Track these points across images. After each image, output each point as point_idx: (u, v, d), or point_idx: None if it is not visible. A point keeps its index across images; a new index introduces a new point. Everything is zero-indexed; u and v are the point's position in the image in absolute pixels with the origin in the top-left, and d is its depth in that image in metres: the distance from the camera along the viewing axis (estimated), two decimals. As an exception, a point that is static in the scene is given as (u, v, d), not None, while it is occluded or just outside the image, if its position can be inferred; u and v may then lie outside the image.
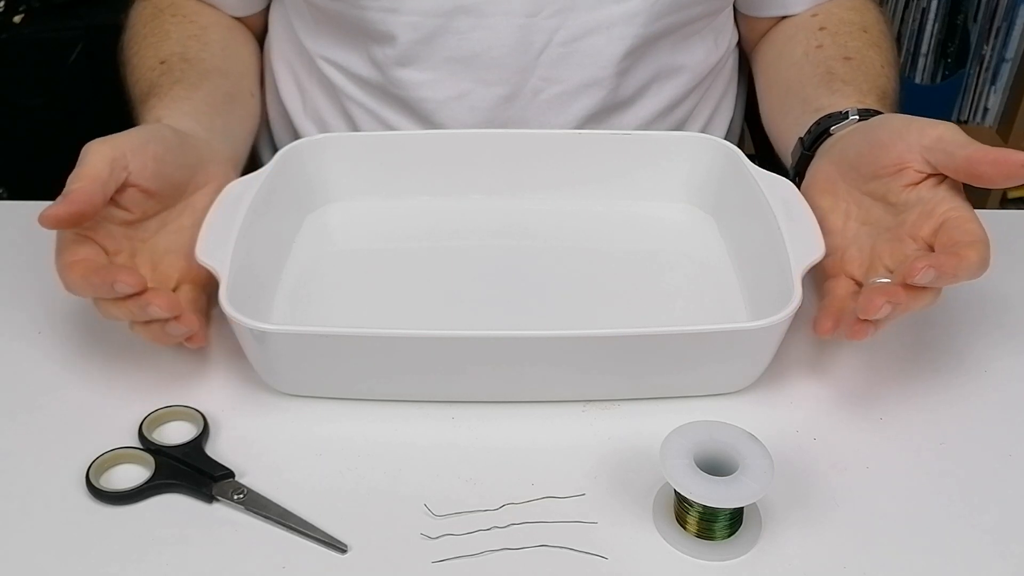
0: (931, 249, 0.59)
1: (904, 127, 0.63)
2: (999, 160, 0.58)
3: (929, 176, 0.61)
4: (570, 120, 0.81)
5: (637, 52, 0.80)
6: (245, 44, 0.86)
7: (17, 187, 0.92)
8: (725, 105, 0.93)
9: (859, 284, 0.62)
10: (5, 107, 1.04)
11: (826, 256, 0.62)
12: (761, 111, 0.85)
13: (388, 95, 0.82)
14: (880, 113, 0.68)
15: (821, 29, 0.81)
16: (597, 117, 0.82)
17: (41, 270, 0.61)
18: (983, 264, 0.57)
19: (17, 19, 1.21)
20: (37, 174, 0.69)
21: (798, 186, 0.67)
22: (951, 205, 0.60)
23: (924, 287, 0.56)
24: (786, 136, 0.75)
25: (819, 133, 0.70)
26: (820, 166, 0.68)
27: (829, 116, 0.70)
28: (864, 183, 0.64)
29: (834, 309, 0.60)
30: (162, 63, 0.76)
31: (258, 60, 0.87)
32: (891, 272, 0.61)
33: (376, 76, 0.81)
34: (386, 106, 0.83)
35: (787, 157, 0.75)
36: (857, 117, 0.68)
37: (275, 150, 0.71)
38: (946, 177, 0.61)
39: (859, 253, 0.63)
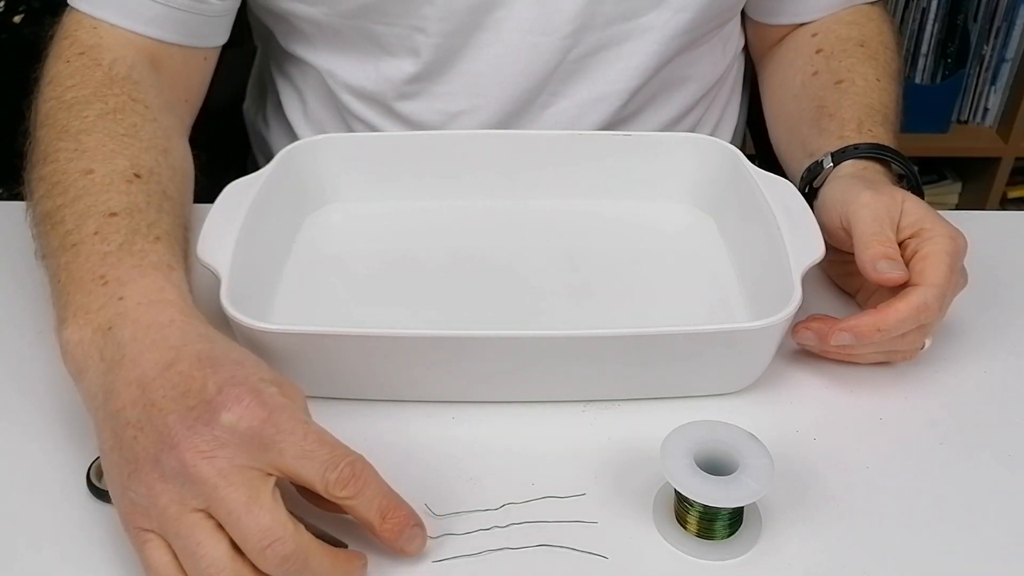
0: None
1: (830, 210, 0.66)
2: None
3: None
4: None
5: (650, 68, 0.80)
6: (191, 162, 0.70)
7: (17, 187, 0.92)
8: (730, 112, 0.93)
9: None
10: (5, 107, 1.03)
11: (865, 304, 0.67)
12: (773, 145, 0.85)
13: (391, 111, 0.82)
14: (856, 148, 0.70)
15: (818, 52, 0.82)
16: (603, 131, 0.82)
17: (41, 270, 0.60)
18: (918, 312, 0.59)
19: (17, 19, 1.21)
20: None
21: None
22: (916, 241, 0.61)
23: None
24: (796, 183, 0.76)
25: (807, 191, 0.71)
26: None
27: (809, 169, 0.72)
28: (847, 250, 0.65)
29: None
30: (137, 177, 0.61)
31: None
32: None
33: (383, 91, 0.81)
34: (389, 121, 0.83)
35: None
36: (832, 164, 0.70)
37: (271, 158, 0.70)
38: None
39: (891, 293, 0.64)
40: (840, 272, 0.69)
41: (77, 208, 0.59)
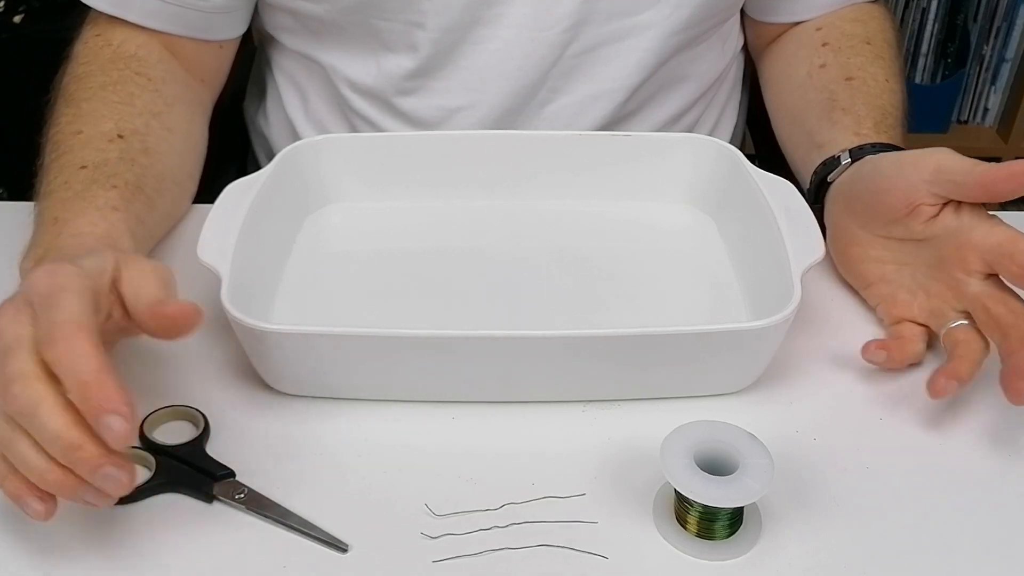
0: (991, 276, 0.60)
1: (897, 168, 0.63)
2: (1014, 174, 0.58)
3: (944, 205, 0.61)
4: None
5: (649, 66, 0.80)
6: (201, 127, 0.78)
7: (17, 187, 0.92)
8: (730, 111, 0.93)
9: (922, 326, 0.63)
10: (5, 107, 1.03)
11: (877, 305, 0.65)
12: (776, 133, 0.85)
13: (391, 107, 0.82)
14: (873, 146, 0.69)
15: (824, 45, 0.81)
16: (603, 130, 0.82)
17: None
18: None
19: (17, 19, 1.21)
20: (36, 174, 0.69)
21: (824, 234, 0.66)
22: (985, 229, 0.60)
23: None
24: (800, 172, 0.75)
25: (819, 183, 0.70)
26: (834, 219, 0.68)
27: (824, 164, 0.70)
28: (884, 228, 0.64)
29: (906, 354, 0.62)
30: (120, 137, 0.68)
31: (207, 141, 0.78)
32: (962, 313, 0.61)
33: (383, 86, 0.81)
34: (389, 117, 0.83)
35: (805, 191, 0.73)
36: (850, 160, 0.68)
37: (273, 156, 0.70)
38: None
39: (910, 296, 0.64)
40: (856, 259, 0.66)
41: (60, 163, 0.66)
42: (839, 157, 0.70)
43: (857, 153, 0.69)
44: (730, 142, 0.89)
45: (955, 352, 0.60)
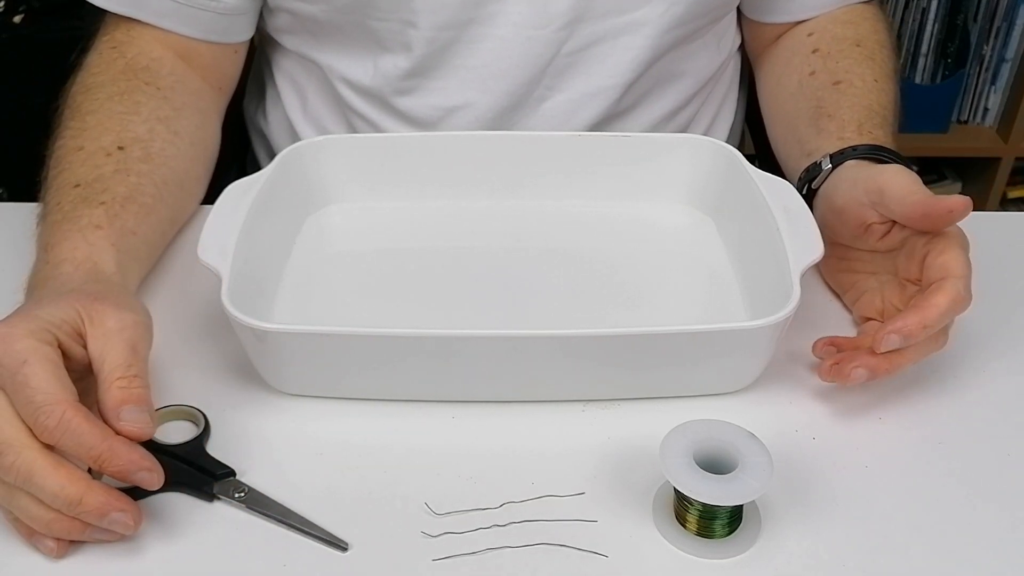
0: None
1: (851, 187, 0.66)
2: (929, 213, 0.60)
3: (893, 223, 0.64)
4: (573, 130, 0.81)
5: (644, 62, 0.80)
6: (212, 132, 0.78)
7: (17, 187, 0.92)
8: (727, 109, 0.93)
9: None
10: (5, 107, 1.03)
11: (852, 308, 0.67)
12: (771, 144, 0.85)
13: (389, 107, 0.82)
14: (855, 149, 0.69)
15: (814, 51, 0.82)
16: (599, 126, 0.82)
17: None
18: (955, 303, 0.58)
19: (17, 19, 1.21)
20: (37, 174, 0.69)
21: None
22: (926, 239, 0.62)
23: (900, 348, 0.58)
24: (793, 183, 0.76)
25: (805, 192, 0.71)
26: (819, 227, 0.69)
27: (808, 170, 0.71)
28: (850, 242, 0.66)
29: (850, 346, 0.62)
30: (120, 149, 0.68)
31: (218, 145, 0.78)
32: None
33: (380, 86, 0.81)
34: (387, 117, 0.83)
35: None
36: (831, 165, 0.69)
37: (273, 155, 0.70)
38: None
39: (872, 299, 0.66)
40: (834, 268, 0.69)
41: (57, 182, 0.66)
42: (820, 163, 0.70)
43: (838, 158, 0.69)
44: (727, 140, 0.90)
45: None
